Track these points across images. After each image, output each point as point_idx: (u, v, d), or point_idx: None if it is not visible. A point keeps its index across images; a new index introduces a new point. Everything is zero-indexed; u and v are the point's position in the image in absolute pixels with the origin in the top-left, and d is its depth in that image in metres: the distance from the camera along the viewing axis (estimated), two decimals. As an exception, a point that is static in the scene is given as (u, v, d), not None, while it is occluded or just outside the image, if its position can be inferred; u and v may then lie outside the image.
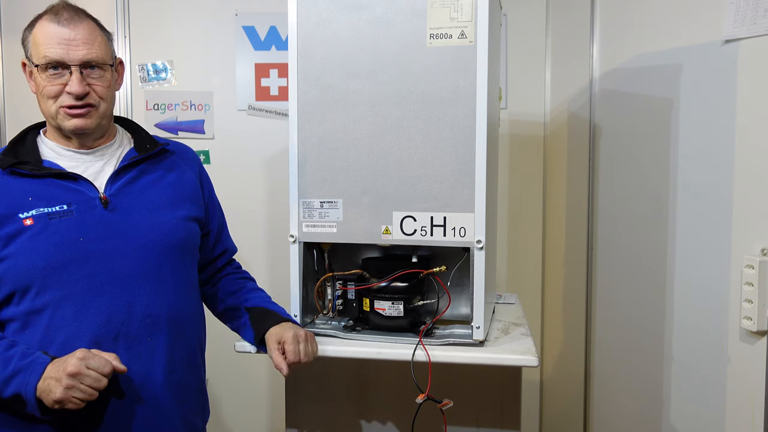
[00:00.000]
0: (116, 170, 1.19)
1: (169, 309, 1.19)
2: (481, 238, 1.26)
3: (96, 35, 1.15)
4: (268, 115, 2.31)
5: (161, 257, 1.19)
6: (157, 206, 1.21)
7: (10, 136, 2.28)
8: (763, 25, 1.26)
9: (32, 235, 1.09)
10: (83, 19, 1.14)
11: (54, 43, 1.11)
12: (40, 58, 1.12)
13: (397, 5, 1.27)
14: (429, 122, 1.27)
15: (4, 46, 2.29)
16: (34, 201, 1.11)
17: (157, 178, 1.24)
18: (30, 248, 1.09)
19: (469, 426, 1.43)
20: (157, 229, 1.19)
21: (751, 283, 1.26)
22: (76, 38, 1.12)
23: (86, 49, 1.12)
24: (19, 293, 1.10)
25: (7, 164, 1.12)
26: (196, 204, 1.29)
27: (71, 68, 1.12)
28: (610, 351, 1.91)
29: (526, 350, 1.26)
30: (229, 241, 1.44)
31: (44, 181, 1.13)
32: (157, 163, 1.26)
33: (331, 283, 1.44)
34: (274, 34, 2.30)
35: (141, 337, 1.15)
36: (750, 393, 1.29)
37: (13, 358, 1.04)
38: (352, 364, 1.47)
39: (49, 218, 1.10)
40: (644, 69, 1.68)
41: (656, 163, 1.61)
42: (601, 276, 1.95)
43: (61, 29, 1.11)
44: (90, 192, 1.15)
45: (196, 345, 1.29)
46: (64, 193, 1.13)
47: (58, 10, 1.13)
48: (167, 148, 1.29)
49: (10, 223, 1.09)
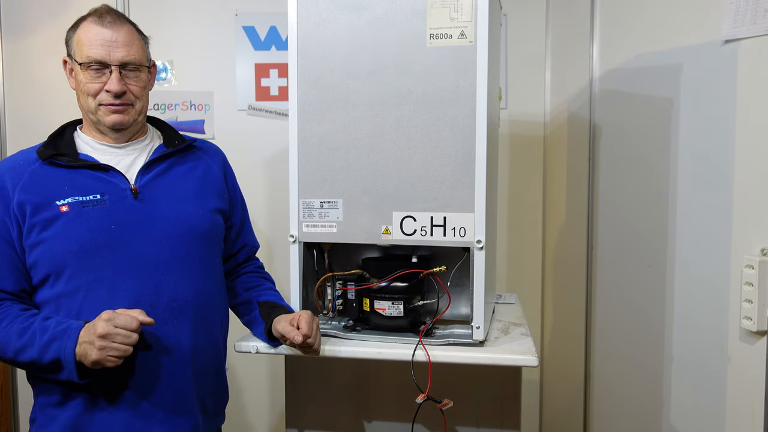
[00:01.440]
0: (146, 163, 1.27)
1: (194, 294, 1.26)
2: (481, 238, 1.26)
3: (135, 38, 1.25)
4: (268, 115, 2.31)
5: (188, 246, 1.26)
6: (184, 198, 1.28)
7: (10, 136, 2.30)
8: (763, 25, 1.26)
9: (67, 222, 1.17)
10: (124, 23, 1.24)
11: (97, 44, 1.19)
12: (83, 57, 1.20)
13: (397, 5, 1.27)
14: (429, 122, 1.27)
15: (4, 46, 2.29)
16: (70, 190, 1.19)
17: (184, 172, 1.32)
18: (65, 233, 1.16)
19: (469, 426, 1.43)
20: (184, 219, 1.26)
21: (751, 283, 1.26)
22: (117, 40, 1.21)
23: (126, 50, 1.22)
24: (53, 276, 1.18)
25: (46, 155, 1.21)
26: (220, 197, 1.37)
27: (111, 68, 1.21)
28: (610, 351, 1.91)
29: (526, 350, 1.26)
30: (250, 237, 1.50)
31: (79, 172, 1.22)
32: (185, 158, 1.34)
33: (331, 283, 1.44)
34: (274, 34, 2.30)
35: (167, 319, 1.22)
36: (750, 392, 1.29)
37: (49, 327, 1.12)
38: (352, 364, 1.47)
39: (83, 206, 1.18)
40: (644, 69, 1.68)
41: (656, 163, 1.61)
42: (601, 276, 1.95)
43: (104, 31, 1.20)
44: (122, 183, 1.23)
45: (219, 331, 1.35)
46: (97, 183, 1.21)
47: (102, 14, 1.22)
48: (194, 145, 1.37)
49: (47, 210, 1.17)
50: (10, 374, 2.34)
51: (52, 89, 2.29)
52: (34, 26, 2.28)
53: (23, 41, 2.29)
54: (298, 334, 1.19)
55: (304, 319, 1.22)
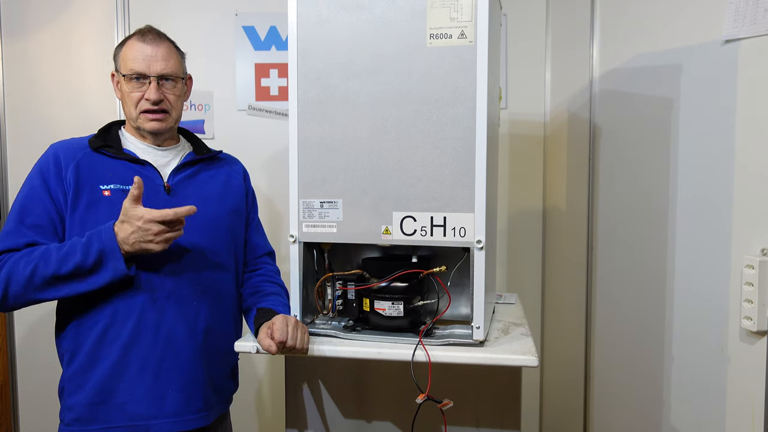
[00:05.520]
0: (179, 165, 1.45)
1: (214, 281, 1.43)
2: (481, 238, 1.26)
3: (172, 54, 1.42)
4: (268, 115, 2.31)
5: (212, 239, 1.43)
6: (210, 198, 1.46)
7: (10, 136, 2.30)
8: (763, 25, 1.26)
9: (109, 204, 1.33)
10: (163, 41, 1.42)
11: (139, 59, 1.37)
12: (127, 70, 1.38)
13: (397, 5, 1.27)
14: (429, 122, 1.27)
15: (4, 46, 2.29)
16: (113, 177, 1.36)
17: (210, 177, 1.49)
18: (107, 216, 1.31)
19: (469, 426, 1.43)
20: (209, 214, 1.43)
21: (751, 283, 1.26)
22: (156, 55, 1.38)
23: (163, 64, 1.39)
24: None
25: (96, 145, 1.38)
26: (240, 200, 1.54)
27: (150, 79, 1.38)
28: (610, 351, 1.91)
29: (526, 350, 1.26)
30: (259, 237, 1.62)
31: (122, 163, 1.38)
32: (210, 165, 1.52)
33: (331, 283, 1.44)
34: (274, 34, 2.30)
35: (189, 299, 1.38)
36: (750, 393, 1.29)
37: (83, 235, 1.27)
38: (352, 364, 1.47)
39: (123, 194, 1.33)
40: (644, 69, 1.68)
41: (656, 163, 1.61)
42: (601, 276, 1.95)
43: (145, 47, 1.38)
44: (156, 179, 1.40)
45: (231, 319, 1.49)
46: (136, 175, 1.32)
47: (145, 33, 1.40)
48: (219, 156, 1.55)
49: (92, 192, 1.34)
50: (10, 374, 2.34)
51: (51, 89, 2.29)
52: (34, 26, 2.29)
53: (23, 41, 2.29)
54: (272, 344, 1.25)
55: (276, 328, 1.26)
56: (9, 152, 2.31)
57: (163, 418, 1.36)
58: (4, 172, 2.32)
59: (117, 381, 1.34)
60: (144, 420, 1.35)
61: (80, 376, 1.35)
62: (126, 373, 1.34)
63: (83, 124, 2.23)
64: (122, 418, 1.34)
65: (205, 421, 1.43)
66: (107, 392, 1.34)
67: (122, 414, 1.34)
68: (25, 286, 1.25)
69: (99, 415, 1.34)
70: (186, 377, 1.38)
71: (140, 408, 1.34)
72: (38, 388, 2.32)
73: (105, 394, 1.33)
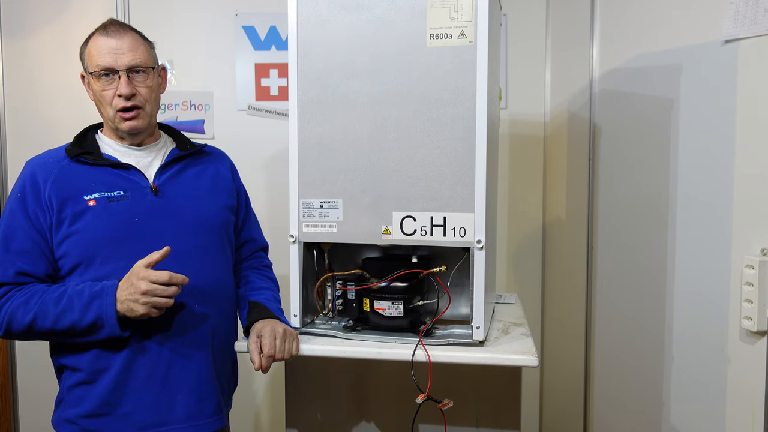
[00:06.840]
0: (163, 164, 1.38)
1: (213, 282, 1.38)
2: (481, 238, 1.26)
3: (139, 44, 1.34)
4: (268, 115, 2.31)
5: (205, 238, 1.38)
6: (198, 195, 1.40)
7: (10, 136, 2.30)
8: (763, 25, 1.26)
9: (95, 214, 1.28)
10: (127, 31, 1.33)
11: (104, 53, 1.30)
12: (94, 67, 1.31)
13: (397, 5, 1.27)
14: (429, 122, 1.27)
15: (4, 46, 2.29)
16: (96, 186, 1.30)
17: (197, 173, 1.43)
18: (95, 224, 1.27)
19: (469, 426, 1.43)
20: (200, 213, 1.38)
21: (751, 283, 1.26)
22: (122, 47, 1.30)
23: (131, 55, 1.31)
24: (84, 264, 1.27)
25: (74, 154, 1.32)
26: (230, 195, 1.48)
27: (119, 73, 1.30)
28: (610, 351, 1.91)
29: (526, 350, 1.26)
30: (254, 231, 1.59)
31: (103, 170, 1.32)
32: (196, 160, 1.45)
33: (331, 283, 1.44)
34: (274, 34, 2.30)
35: (190, 304, 1.33)
36: (750, 393, 1.29)
37: (84, 290, 1.23)
38: (352, 364, 1.47)
39: (109, 201, 1.29)
40: (644, 69, 1.68)
41: (656, 163, 1.61)
42: (601, 276, 1.95)
43: (109, 40, 1.30)
44: (142, 181, 1.34)
45: (231, 317, 1.46)
46: (120, 180, 1.32)
47: (107, 26, 1.33)
48: (204, 150, 1.48)
49: (75, 204, 1.28)
50: (10, 374, 2.34)
51: (51, 89, 2.29)
52: (34, 26, 2.28)
53: (23, 41, 2.29)
54: (257, 360, 1.26)
55: (265, 343, 1.26)
56: (9, 152, 2.31)
57: (174, 423, 1.31)
58: (4, 172, 2.32)
59: (122, 391, 1.29)
60: (153, 428, 1.30)
61: (81, 388, 1.29)
62: (131, 382, 1.29)
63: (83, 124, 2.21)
64: (129, 428, 1.29)
65: (220, 424, 1.39)
66: (112, 404, 1.29)
67: (129, 424, 1.29)
68: (26, 333, 1.24)
69: (103, 428, 1.29)
70: (196, 380, 1.34)
71: (148, 416, 1.29)
72: (38, 388, 2.32)
73: (109, 406, 1.29)
